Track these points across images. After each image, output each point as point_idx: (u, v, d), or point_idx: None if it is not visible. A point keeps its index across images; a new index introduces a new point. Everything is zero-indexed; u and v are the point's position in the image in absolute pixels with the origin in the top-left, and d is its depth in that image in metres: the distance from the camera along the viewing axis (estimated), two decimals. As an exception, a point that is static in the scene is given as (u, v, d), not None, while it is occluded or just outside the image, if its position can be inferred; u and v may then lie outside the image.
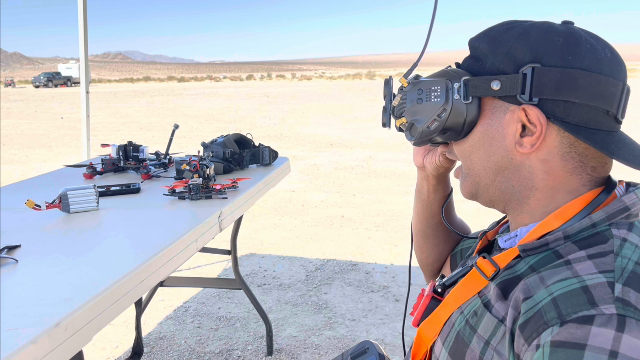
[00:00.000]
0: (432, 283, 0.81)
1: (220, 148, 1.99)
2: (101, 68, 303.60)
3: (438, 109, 0.70)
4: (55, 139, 11.03)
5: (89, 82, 3.61)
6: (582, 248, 0.62)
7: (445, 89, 0.70)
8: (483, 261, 0.69)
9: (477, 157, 0.71)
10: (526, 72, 0.65)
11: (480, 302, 0.67)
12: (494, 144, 0.69)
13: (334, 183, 6.18)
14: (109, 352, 2.50)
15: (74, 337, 0.83)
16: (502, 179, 0.71)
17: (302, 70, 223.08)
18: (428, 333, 0.74)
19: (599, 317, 0.53)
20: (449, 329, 0.70)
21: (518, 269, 0.65)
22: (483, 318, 0.65)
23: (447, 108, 0.69)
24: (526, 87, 0.65)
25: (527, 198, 0.70)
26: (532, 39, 0.67)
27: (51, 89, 47.65)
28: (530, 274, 0.63)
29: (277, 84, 49.50)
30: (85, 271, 1.04)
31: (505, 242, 0.73)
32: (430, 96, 0.70)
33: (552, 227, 0.66)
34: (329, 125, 12.64)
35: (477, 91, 0.68)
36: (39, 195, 1.53)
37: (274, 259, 3.69)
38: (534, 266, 0.63)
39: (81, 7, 3.35)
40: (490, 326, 0.63)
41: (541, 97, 0.65)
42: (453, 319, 0.70)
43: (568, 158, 0.67)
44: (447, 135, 0.72)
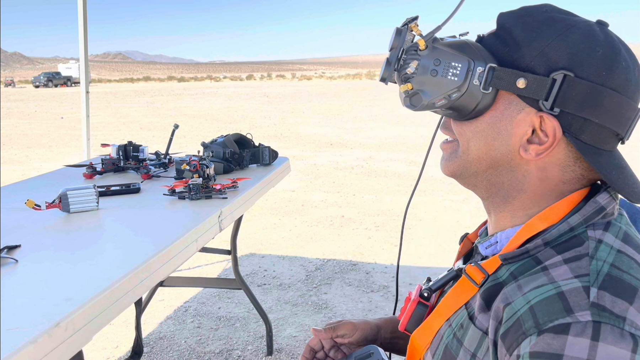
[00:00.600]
0: (419, 286, 0.80)
1: (220, 148, 1.99)
2: (101, 68, 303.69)
3: (451, 88, 0.64)
4: (55, 138, 11.03)
5: (89, 82, 3.61)
6: (559, 253, 0.61)
7: (466, 69, 0.64)
8: (472, 268, 0.67)
9: (476, 145, 0.68)
10: (556, 78, 0.61)
11: (466, 314, 0.66)
12: (497, 139, 0.66)
13: (334, 183, 6.18)
14: (109, 351, 2.50)
15: (74, 336, 0.83)
16: (493, 173, 0.68)
17: (302, 70, 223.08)
18: (421, 342, 0.72)
19: (574, 325, 0.52)
20: (438, 341, 0.69)
21: (500, 276, 0.64)
22: (468, 330, 0.64)
23: (461, 90, 0.64)
24: (551, 95, 0.61)
25: (512, 198, 0.68)
26: (572, 42, 0.62)
27: (51, 89, 47.65)
28: (510, 281, 0.62)
29: (277, 84, 49.50)
30: (85, 271, 1.04)
31: (486, 249, 0.72)
32: (448, 72, 0.64)
33: (536, 229, 0.65)
34: (329, 125, 12.63)
35: (500, 83, 0.63)
36: (39, 195, 1.53)
37: (274, 259, 3.69)
38: (515, 273, 0.62)
39: (81, 6, 3.35)
40: (475, 339, 0.63)
41: (563, 109, 0.61)
42: (442, 331, 0.69)
43: (568, 170, 0.65)
44: (449, 112, 0.69)
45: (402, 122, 12.71)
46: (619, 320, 0.52)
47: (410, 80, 0.66)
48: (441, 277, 0.77)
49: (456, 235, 4.11)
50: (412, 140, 9.56)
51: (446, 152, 0.74)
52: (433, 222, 4.50)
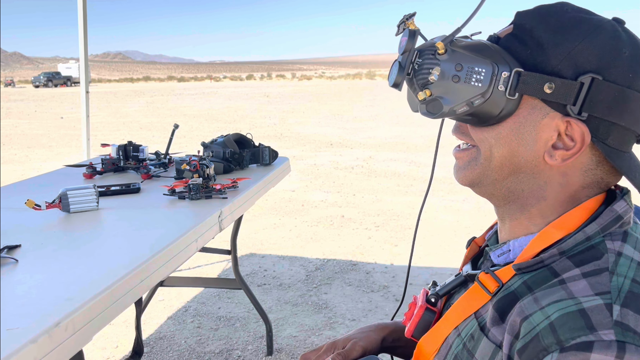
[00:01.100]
0: (425, 291, 0.78)
1: (220, 148, 1.99)
2: (101, 68, 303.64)
3: (475, 94, 0.61)
4: (55, 138, 11.03)
5: (88, 82, 3.61)
6: (576, 265, 0.59)
7: (490, 74, 0.60)
8: (485, 276, 0.65)
9: (499, 152, 0.65)
10: (584, 82, 0.59)
11: (477, 325, 0.64)
12: (522, 145, 0.64)
13: (334, 183, 6.18)
14: (109, 351, 2.50)
15: (74, 336, 0.83)
16: (514, 180, 0.66)
17: (302, 70, 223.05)
18: (428, 349, 0.70)
19: (598, 343, 0.51)
20: (446, 350, 0.67)
21: (512, 284, 0.62)
22: (480, 342, 0.62)
23: (485, 96, 0.61)
24: (579, 99, 0.60)
25: (530, 206, 0.66)
26: (600, 44, 0.60)
27: (51, 89, 47.66)
28: (525, 292, 0.60)
29: (277, 84, 49.50)
30: (85, 271, 1.04)
31: (498, 257, 0.69)
32: (471, 78, 0.61)
33: (553, 239, 0.63)
34: (329, 125, 12.63)
35: (527, 89, 0.61)
36: (39, 195, 1.53)
37: (274, 258, 3.69)
38: (529, 283, 0.61)
39: (81, 6, 3.35)
40: (487, 351, 0.61)
41: (591, 113, 0.60)
42: (450, 340, 0.68)
43: (590, 175, 0.64)
44: (469, 119, 0.66)
45: (402, 122, 12.71)
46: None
47: (428, 87, 0.63)
48: (449, 282, 0.75)
49: (456, 235, 4.11)
50: (412, 140, 9.56)
51: (462, 160, 0.70)
52: (433, 222, 4.50)
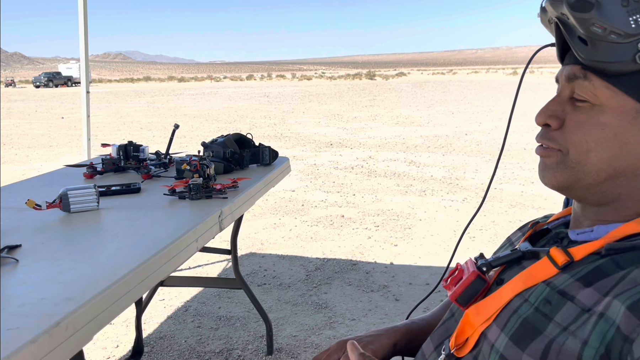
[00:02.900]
0: (471, 260, 0.77)
1: (220, 148, 1.99)
2: (101, 68, 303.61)
3: (619, 28, 0.60)
4: (55, 138, 11.03)
5: (89, 82, 3.61)
6: None
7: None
8: (557, 251, 0.66)
9: (598, 156, 0.65)
10: None
11: (552, 291, 0.64)
12: (625, 149, 0.64)
13: (334, 183, 6.18)
14: (110, 351, 2.51)
15: (74, 336, 0.83)
16: (612, 184, 0.66)
17: (302, 70, 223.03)
18: (478, 318, 0.69)
19: None
20: (509, 314, 0.66)
21: (594, 262, 0.63)
22: (562, 307, 0.62)
23: (625, 38, 0.60)
24: None
25: (627, 208, 0.67)
26: None
27: (52, 89, 47.67)
28: (613, 268, 0.60)
29: (277, 84, 49.51)
30: (85, 271, 1.04)
31: (577, 235, 0.69)
32: (635, 14, 0.59)
33: (638, 229, 0.63)
34: (329, 125, 12.64)
35: None
36: (40, 195, 1.53)
37: (274, 258, 3.69)
38: (619, 262, 0.61)
39: (81, 6, 3.36)
40: (572, 314, 0.60)
41: None
42: (513, 305, 0.66)
43: None
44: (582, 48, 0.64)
45: (402, 122, 12.71)
46: None
47: None
48: (503, 255, 0.74)
49: (456, 235, 4.11)
50: (412, 140, 9.56)
51: (549, 159, 0.70)
52: (433, 222, 4.50)
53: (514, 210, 4.78)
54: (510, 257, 0.73)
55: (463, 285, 0.73)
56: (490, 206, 4.96)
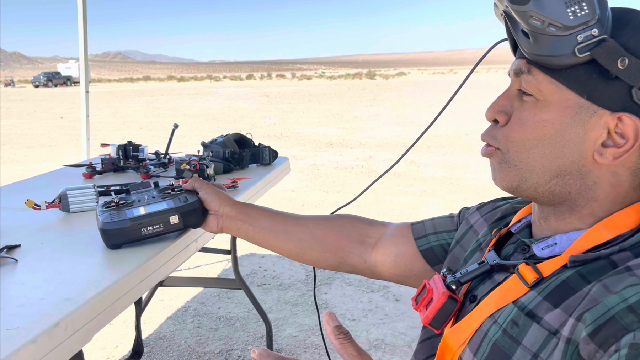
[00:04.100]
0: (439, 277, 0.74)
1: (220, 148, 1.99)
2: (101, 68, 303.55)
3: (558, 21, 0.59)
4: (55, 138, 11.03)
5: (88, 82, 3.61)
6: (638, 255, 0.58)
7: (586, 20, 0.58)
8: (525, 267, 0.64)
9: (540, 153, 0.64)
10: None
11: (520, 312, 0.62)
12: (567, 146, 0.63)
13: (334, 183, 6.18)
14: (109, 351, 2.50)
15: (73, 336, 0.83)
16: (559, 182, 0.64)
17: (302, 70, 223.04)
18: (456, 341, 0.68)
19: None
20: (481, 338, 0.65)
21: (561, 275, 0.61)
22: (528, 329, 0.60)
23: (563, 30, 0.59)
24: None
25: (580, 207, 0.65)
26: None
27: (51, 89, 47.66)
28: (579, 281, 0.59)
29: (277, 84, 49.51)
30: (85, 271, 1.04)
31: (542, 250, 0.67)
32: (573, 5, 0.58)
33: (603, 238, 0.62)
34: (329, 125, 12.64)
35: (600, 55, 0.58)
36: (39, 195, 1.53)
37: (274, 258, 3.69)
38: (583, 273, 0.59)
39: (81, 6, 3.35)
40: (539, 338, 0.59)
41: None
42: (484, 327, 0.65)
43: (637, 175, 0.62)
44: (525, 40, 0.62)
45: (402, 122, 12.71)
46: None
47: None
48: (471, 270, 0.72)
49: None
50: (412, 140, 9.55)
51: (493, 159, 0.70)
52: (433, 222, 4.50)
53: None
54: (479, 272, 0.71)
55: (434, 309, 0.70)
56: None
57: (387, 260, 0.98)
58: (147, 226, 1.11)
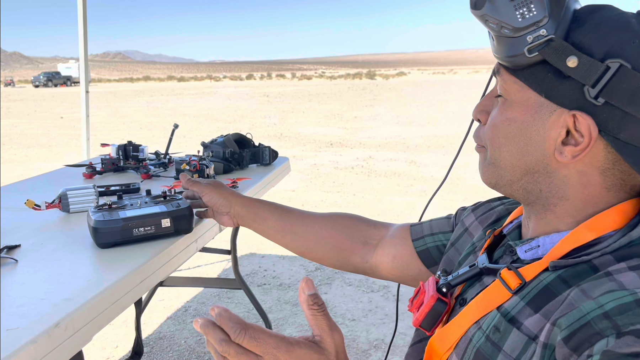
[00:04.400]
0: (434, 279, 0.76)
1: (220, 148, 1.99)
2: (101, 68, 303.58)
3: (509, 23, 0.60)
4: (55, 138, 11.03)
5: (88, 82, 3.61)
6: (619, 260, 0.57)
7: (533, 21, 0.59)
8: (508, 273, 0.64)
9: (508, 152, 0.66)
10: (611, 66, 0.57)
11: (502, 317, 0.62)
12: (530, 144, 0.64)
13: (334, 183, 6.18)
14: (109, 352, 2.50)
15: (73, 337, 0.83)
16: (530, 180, 0.66)
17: (302, 70, 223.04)
18: (442, 346, 0.69)
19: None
20: (466, 344, 0.65)
21: (544, 279, 0.61)
22: (509, 335, 0.61)
23: (513, 33, 0.60)
24: (600, 82, 0.57)
25: (553, 206, 0.65)
26: (633, 34, 0.58)
27: (51, 89, 47.66)
28: (560, 285, 0.59)
29: (277, 84, 49.52)
30: (85, 271, 1.04)
31: (525, 252, 0.67)
32: (521, 8, 0.59)
33: (585, 239, 0.61)
34: (329, 125, 12.64)
35: (549, 54, 0.59)
36: (39, 195, 1.53)
37: (274, 258, 3.69)
38: (564, 277, 0.59)
39: (81, 6, 3.35)
40: (519, 344, 0.59)
41: (609, 100, 0.58)
42: (470, 333, 0.66)
43: (609, 174, 0.62)
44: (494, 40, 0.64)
45: (402, 122, 12.71)
46: None
47: None
48: (462, 272, 0.73)
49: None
50: (412, 140, 9.56)
51: (480, 156, 0.73)
52: (433, 222, 4.50)
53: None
54: (469, 275, 0.72)
55: (424, 311, 0.72)
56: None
57: (386, 260, 0.99)
58: (139, 227, 1.13)
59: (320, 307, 0.57)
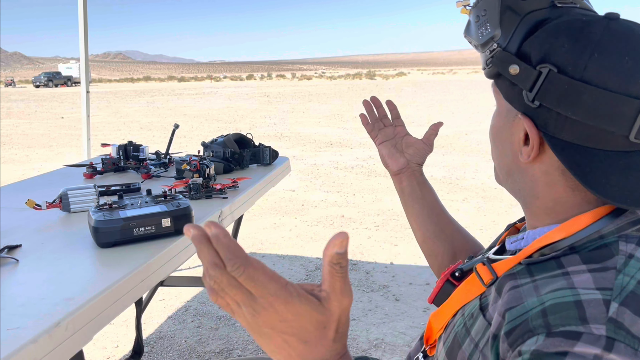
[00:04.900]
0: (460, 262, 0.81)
1: (220, 148, 1.99)
2: (101, 68, 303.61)
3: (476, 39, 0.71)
4: (55, 138, 11.03)
5: (89, 82, 3.61)
6: (584, 262, 0.58)
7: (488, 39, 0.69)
8: (482, 268, 0.70)
9: (495, 154, 0.74)
10: (542, 71, 0.61)
11: (479, 305, 0.67)
12: (505, 146, 0.70)
13: (334, 183, 6.18)
14: (109, 351, 2.50)
15: (74, 336, 0.83)
16: (512, 180, 0.72)
17: (302, 70, 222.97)
18: (437, 324, 0.76)
19: (586, 335, 0.50)
20: (451, 329, 0.71)
21: (515, 268, 0.65)
22: (477, 321, 0.65)
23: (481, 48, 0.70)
24: (535, 87, 0.62)
25: (530, 204, 0.70)
26: (561, 37, 0.61)
27: (51, 89, 47.67)
28: (525, 275, 0.62)
29: (277, 84, 49.51)
30: (85, 271, 1.05)
31: (511, 243, 0.73)
32: (482, 26, 0.70)
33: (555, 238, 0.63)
34: (329, 125, 12.64)
35: (496, 64, 0.67)
36: (40, 195, 1.53)
37: (274, 258, 3.69)
38: (532, 269, 0.62)
39: (81, 6, 3.35)
40: (481, 329, 0.63)
41: (542, 102, 0.62)
42: (455, 319, 0.71)
43: (568, 175, 0.63)
44: None
45: (402, 122, 12.70)
46: (635, 341, 0.50)
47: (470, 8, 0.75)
48: (473, 262, 0.78)
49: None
50: (412, 140, 9.55)
51: None
52: (433, 222, 4.50)
53: (514, 210, 4.78)
54: (473, 264, 0.76)
55: (435, 290, 0.80)
56: (490, 206, 4.96)
57: None
58: (139, 227, 1.13)
59: (342, 269, 0.51)
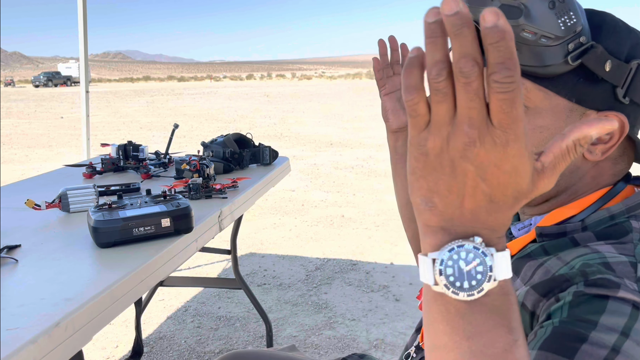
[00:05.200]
0: None
1: (220, 148, 1.99)
2: (101, 67, 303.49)
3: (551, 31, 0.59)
4: (55, 138, 11.03)
5: (88, 82, 3.61)
6: (599, 238, 0.62)
7: (574, 28, 0.59)
8: None
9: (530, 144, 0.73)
10: (632, 67, 0.62)
11: None
12: None
13: (334, 183, 6.18)
14: (109, 351, 2.50)
15: (73, 336, 0.83)
16: (568, 177, 0.69)
17: (302, 70, 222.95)
18: None
19: (624, 286, 0.53)
20: None
21: (529, 249, 0.66)
22: None
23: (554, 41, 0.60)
24: (626, 83, 0.62)
25: (554, 198, 0.69)
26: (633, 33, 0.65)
27: (51, 89, 47.65)
28: (540, 253, 0.63)
29: (277, 84, 49.51)
30: (85, 271, 1.04)
31: (519, 230, 0.73)
32: (562, 16, 0.59)
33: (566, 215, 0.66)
34: (329, 125, 12.64)
35: (590, 61, 0.61)
36: (39, 195, 1.53)
37: (274, 258, 3.69)
38: (547, 247, 0.64)
39: (81, 6, 3.35)
40: None
41: (632, 98, 0.63)
42: None
43: (619, 161, 0.67)
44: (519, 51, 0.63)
45: (402, 122, 12.69)
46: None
47: None
48: None
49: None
50: (412, 140, 9.55)
51: None
52: (433, 222, 4.50)
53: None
54: None
55: None
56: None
57: None
58: (139, 227, 1.13)
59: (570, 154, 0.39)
